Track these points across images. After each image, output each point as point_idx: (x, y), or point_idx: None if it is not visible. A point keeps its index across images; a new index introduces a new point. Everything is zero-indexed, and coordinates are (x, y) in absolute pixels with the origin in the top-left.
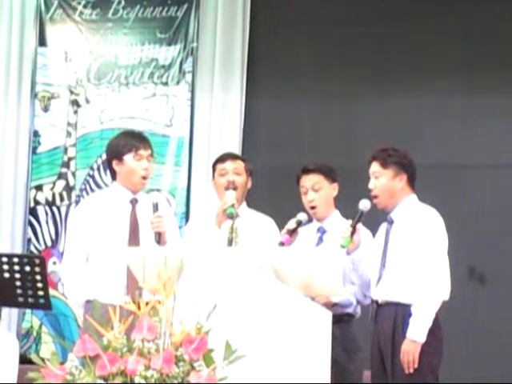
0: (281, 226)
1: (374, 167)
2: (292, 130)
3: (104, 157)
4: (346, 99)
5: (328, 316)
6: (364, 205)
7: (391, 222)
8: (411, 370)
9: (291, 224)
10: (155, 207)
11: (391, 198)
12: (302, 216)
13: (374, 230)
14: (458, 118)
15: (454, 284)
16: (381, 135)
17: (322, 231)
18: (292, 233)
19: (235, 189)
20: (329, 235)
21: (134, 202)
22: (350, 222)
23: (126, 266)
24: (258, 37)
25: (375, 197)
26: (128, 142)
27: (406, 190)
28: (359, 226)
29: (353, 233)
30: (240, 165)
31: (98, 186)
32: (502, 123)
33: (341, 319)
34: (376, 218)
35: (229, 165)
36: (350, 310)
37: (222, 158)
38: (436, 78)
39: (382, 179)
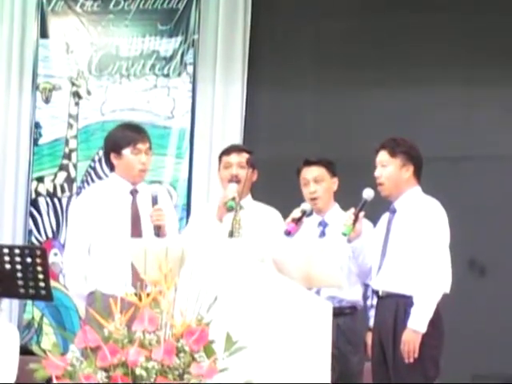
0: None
1: (382, 156)
2: (293, 122)
3: None
4: (346, 91)
5: (329, 308)
6: (368, 194)
7: (394, 212)
8: (411, 360)
9: (296, 213)
10: (154, 200)
11: (396, 188)
12: (306, 206)
13: (375, 222)
14: (459, 110)
15: (455, 276)
16: (381, 127)
17: (323, 224)
18: (298, 221)
19: (238, 182)
20: (330, 228)
21: (134, 192)
22: (352, 209)
23: (129, 257)
24: (260, 28)
25: (380, 184)
26: (126, 135)
27: (412, 181)
28: (362, 214)
29: (355, 221)
30: (245, 158)
31: (100, 178)
32: (502, 114)
33: (345, 312)
34: (377, 210)
35: (233, 158)
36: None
37: (227, 151)
38: (436, 70)
39: (389, 168)
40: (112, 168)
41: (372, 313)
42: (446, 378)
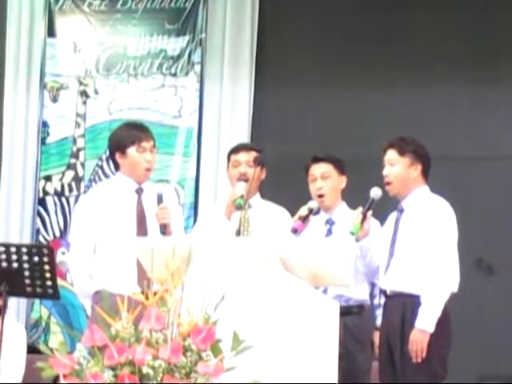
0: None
1: (391, 155)
2: (300, 121)
3: None
4: (353, 90)
5: (336, 307)
6: (375, 192)
7: (401, 211)
8: (419, 360)
9: (303, 211)
10: (160, 198)
11: (404, 187)
12: (313, 204)
13: (382, 220)
14: (464, 110)
15: (462, 275)
16: (387, 126)
17: (330, 223)
18: (304, 219)
19: (247, 181)
20: (338, 227)
21: (139, 191)
22: (360, 209)
23: (135, 256)
24: (267, 27)
25: (388, 183)
26: (130, 134)
27: (420, 180)
28: (369, 213)
29: (363, 220)
30: (254, 156)
31: (107, 177)
32: (507, 115)
33: (352, 310)
34: (385, 209)
35: (242, 156)
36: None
37: (236, 149)
38: (442, 70)
39: (397, 167)
40: (117, 167)
41: (379, 312)
42: (454, 377)
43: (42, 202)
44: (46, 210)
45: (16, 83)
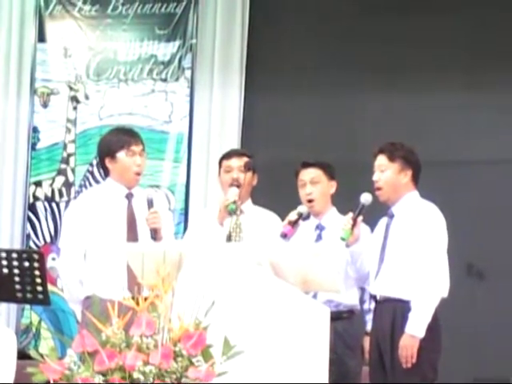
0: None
1: (381, 160)
2: (291, 126)
3: None
4: (345, 95)
5: (326, 312)
6: (365, 198)
7: (391, 217)
8: (409, 365)
9: (292, 215)
10: (150, 203)
11: (394, 192)
12: (302, 208)
13: (372, 226)
14: (459, 114)
15: (453, 280)
16: (380, 131)
17: (320, 228)
18: (294, 224)
19: (239, 186)
20: (327, 232)
21: (129, 196)
22: (350, 214)
23: (125, 262)
24: (257, 32)
25: (379, 189)
26: (120, 138)
27: (410, 185)
28: (360, 219)
29: (353, 225)
30: (245, 161)
31: (97, 182)
32: (501, 119)
33: (342, 316)
34: (375, 214)
35: (234, 162)
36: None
37: (228, 155)
38: (436, 74)
39: (387, 172)
40: (107, 173)
41: (369, 317)
42: (445, 382)
43: (32, 208)
44: (37, 215)
45: (6, 89)
